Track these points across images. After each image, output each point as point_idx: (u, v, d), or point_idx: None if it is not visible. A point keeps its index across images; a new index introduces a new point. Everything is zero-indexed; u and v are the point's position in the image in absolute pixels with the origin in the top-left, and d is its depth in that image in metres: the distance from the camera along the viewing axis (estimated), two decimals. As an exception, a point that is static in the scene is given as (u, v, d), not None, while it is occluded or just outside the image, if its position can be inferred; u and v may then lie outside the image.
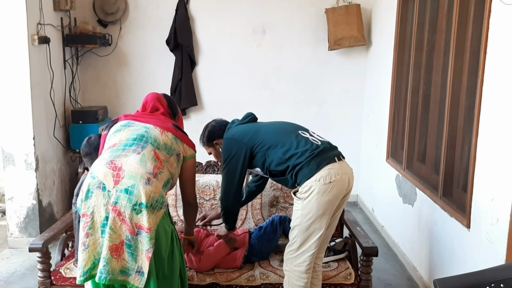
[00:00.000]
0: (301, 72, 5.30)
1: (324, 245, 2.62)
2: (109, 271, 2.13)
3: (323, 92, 5.35)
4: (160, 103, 2.49)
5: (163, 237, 2.19)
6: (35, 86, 3.95)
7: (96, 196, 2.14)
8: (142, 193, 2.11)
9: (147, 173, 2.16)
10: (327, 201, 2.38)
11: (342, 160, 2.52)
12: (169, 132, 2.34)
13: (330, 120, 5.39)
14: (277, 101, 5.36)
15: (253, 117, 2.73)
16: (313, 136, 2.58)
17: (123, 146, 2.25)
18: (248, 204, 3.14)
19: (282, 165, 2.46)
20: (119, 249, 2.14)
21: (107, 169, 2.16)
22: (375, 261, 3.81)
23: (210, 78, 5.33)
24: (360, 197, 5.45)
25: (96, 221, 2.16)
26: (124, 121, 2.40)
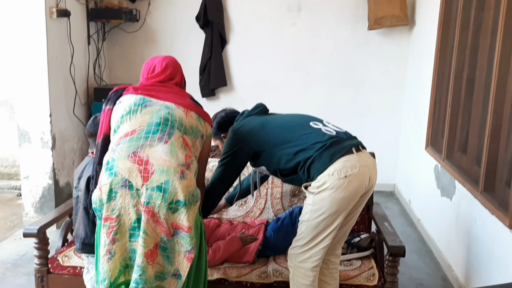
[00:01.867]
0: (337, 53, 4.97)
1: (340, 241, 2.36)
2: (146, 280, 1.87)
3: (361, 75, 5.01)
4: (178, 71, 2.18)
5: (196, 233, 1.95)
6: (53, 61, 3.82)
7: (123, 197, 1.85)
8: (178, 189, 1.84)
9: (180, 165, 1.88)
10: (342, 198, 2.11)
11: (362, 150, 2.23)
12: (192, 111, 2.04)
13: (368, 105, 5.05)
14: (312, 84, 5.07)
15: (263, 108, 2.47)
16: (327, 126, 2.30)
17: (145, 133, 1.92)
18: (268, 193, 2.91)
19: (291, 162, 2.20)
20: (153, 254, 1.89)
21: (131, 163, 1.85)
22: (408, 257, 3.55)
23: (241, 57, 5.08)
24: (397, 187, 5.11)
25: (124, 224, 1.89)
26: (136, 96, 2.03)
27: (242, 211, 2.92)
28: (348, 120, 5.00)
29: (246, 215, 2.92)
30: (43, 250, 2.51)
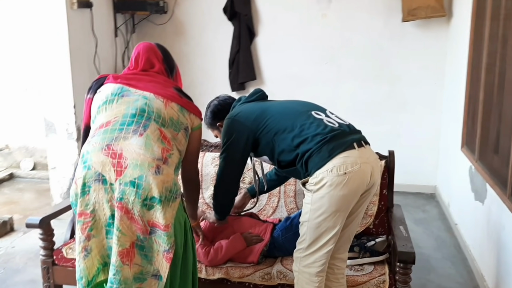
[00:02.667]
0: (371, 46, 4.73)
1: (345, 244, 2.20)
2: (122, 281, 1.79)
3: (397, 69, 4.74)
4: (155, 57, 2.03)
5: (178, 231, 1.85)
6: (76, 52, 3.82)
7: (96, 191, 1.78)
8: (153, 185, 1.75)
9: (156, 159, 1.78)
10: (342, 196, 1.95)
11: (364, 146, 2.07)
12: (173, 102, 1.92)
13: (405, 100, 4.78)
14: (344, 78, 4.85)
15: (261, 94, 2.33)
16: (329, 117, 2.13)
17: (120, 125, 1.83)
18: (281, 191, 2.77)
19: (291, 154, 2.06)
20: (129, 253, 1.80)
21: (105, 156, 1.78)
22: (440, 264, 3.34)
23: (271, 50, 4.94)
24: (438, 189, 4.80)
25: (100, 220, 1.82)
26: (115, 85, 1.94)
27: (254, 209, 2.79)
28: (383, 117, 4.80)
29: (258, 213, 2.78)
30: (47, 241, 2.50)
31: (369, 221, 2.66)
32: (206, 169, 2.85)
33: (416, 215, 4.33)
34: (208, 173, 2.84)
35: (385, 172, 2.71)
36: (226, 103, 2.35)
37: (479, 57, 3.41)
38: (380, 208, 2.68)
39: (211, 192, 2.83)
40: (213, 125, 2.39)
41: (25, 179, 5.14)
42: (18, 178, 5.17)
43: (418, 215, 4.33)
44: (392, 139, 4.76)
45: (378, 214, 2.67)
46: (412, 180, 4.83)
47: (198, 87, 5.13)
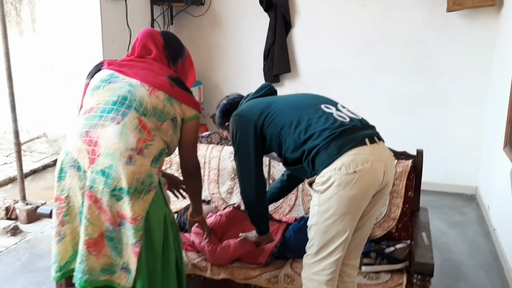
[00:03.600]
0: (413, 37, 4.48)
1: (356, 250, 2.05)
2: (86, 271, 1.78)
3: (440, 62, 4.47)
4: (154, 43, 1.96)
5: (155, 225, 1.80)
6: (109, 43, 3.85)
7: (71, 178, 1.78)
8: (122, 175, 1.71)
9: (129, 149, 1.74)
10: (352, 196, 1.80)
11: (377, 142, 1.90)
12: (160, 90, 1.84)
13: (447, 95, 4.52)
14: (383, 71, 4.64)
15: (269, 88, 2.21)
16: (340, 111, 1.98)
17: (100, 112, 1.80)
18: (299, 188, 2.65)
19: (297, 151, 1.92)
20: (98, 243, 1.78)
21: (82, 143, 1.76)
22: (472, 273, 3.12)
23: (307, 42, 4.80)
24: (479, 190, 4.52)
25: (74, 206, 1.81)
26: (107, 72, 1.91)
27: (270, 207, 2.68)
28: (422, 113, 4.57)
29: (275, 211, 2.69)
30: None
31: (391, 224, 2.49)
32: (223, 164, 2.78)
33: (452, 217, 4.08)
34: (225, 168, 2.77)
35: (412, 173, 2.52)
36: (235, 101, 2.26)
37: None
38: (404, 212, 2.51)
39: (228, 187, 2.77)
40: (222, 125, 2.30)
41: (68, 166, 5.28)
42: (61, 165, 5.32)
43: (454, 217, 4.08)
44: (431, 136, 4.54)
45: (402, 218, 2.50)
46: (452, 180, 4.58)
47: (233, 80, 5.08)
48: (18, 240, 3.53)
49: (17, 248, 3.41)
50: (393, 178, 1.96)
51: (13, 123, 3.68)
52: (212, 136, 2.91)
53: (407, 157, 2.59)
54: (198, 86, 4.95)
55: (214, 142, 2.90)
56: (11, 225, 3.65)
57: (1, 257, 3.27)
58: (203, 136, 2.93)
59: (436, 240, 3.56)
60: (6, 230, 3.61)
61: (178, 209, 2.79)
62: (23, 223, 3.77)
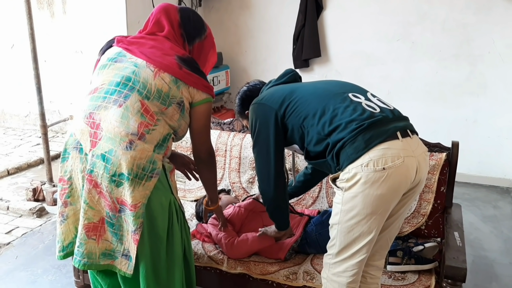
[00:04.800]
0: (452, 21, 4.23)
1: (381, 250, 1.91)
2: (85, 254, 1.74)
3: (480, 48, 4.21)
4: (168, 20, 1.82)
5: (159, 212, 1.73)
6: (134, 25, 3.78)
7: (73, 159, 1.74)
8: (122, 160, 1.64)
9: (129, 134, 1.66)
10: (379, 195, 1.65)
11: (411, 136, 1.73)
12: (166, 72, 1.72)
13: (486, 83, 4.26)
14: (418, 56, 4.41)
15: (293, 74, 2.04)
16: (370, 100, 1.81)
17: (104, 93, 1.72)
18: (323, 181, 2.53)
19: (321, 144, 1.77)
20: (98, 228, 1.74)
21: (85, 125, 1.71)
22: (506, 272, 2.98)
23: (338, 25, 4.60)
24: (517, 183, 4.31)
25: (76, 188, 1.77)
26: (115, 50, 1.81)
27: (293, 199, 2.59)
28: (459, 101, 4.35)
29: (297, 203, 2.59)
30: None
31: (421, 220, 2.36)
32: (245, 152, 2.68)
33: (486, 211, 3.86)
34: (246, 156, 2.67)
35: (446, 167, 2.36)
36: (256, 88, 2.12)
37: None
38: (436, 208, 2.36)
39: (249, 176, 2.67)
40: (242, 114, 2.17)
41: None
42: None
43: (488, 211, 3.87)
44: (467, 126, 4.32)
45: (433, 214, 2.36)
46: (487, 172, 4.35)
47: (262, 63, 4.95)
48: (43, 221, 3.55)
49: (42, 230, 3.42)
50: (426, 175, 1.81)
51: (39, 105, 3.67)
52: (234, 123, 2.81)
53: (441, 149, 2.43)
54: (225, 70, 4.85)
55: (236, 130, 2.80)
56: (37, 207, 3.67)
57: (26, 238, 3.29)
58: (225, 123, 2.83)
59: (468, 235, 3.38)
60: (32, 211, 3.64)
61: (198, 197, 2.73)
62: (49, 205, 3.79)
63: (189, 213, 2.61)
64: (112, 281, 1.92)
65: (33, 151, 5.04)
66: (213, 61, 1.99)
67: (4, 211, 3.71)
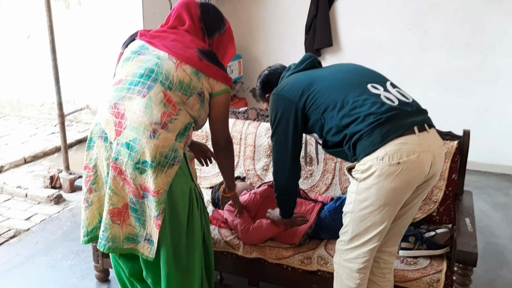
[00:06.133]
0: (464, 9, 4.23)
1: (394, 237, 1.96)
2: (109, 238, 1.83)
3: (491, 37, 4.22)
4: (189, 14, 1.89)
5: (180, 198, 1.81)
6: (149, 17, 3.84)
7: (98, 148, 1.82)
8: (146, 149, 1.72)
9: (153, 123, 1.74)
10: (393, 188, 1.70)
11: (428, 130, 1.76)
12: (187, 64, 1.80)
13: (497, 72, 4.27)
14: (430, 46, 4.43)
15: (311, 60, 2.06)
16: (389, 92, 1.82)
17: (128, 84, 1.80)
18: (336, 168, 2.59)
19: (338, 135, 1.82)
20: (122, 213, 1.82)
21: (110, 115, 1.79)
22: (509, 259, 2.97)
23: (350, 15, 4.62)
24: (528, 171, 4.33)
25: (101, 175, 1.86)
26: (138, 43, 1.89)
27: (306, 185, 2.65)
28: (470, 90, 4.36)
29: (310, 189, 2.64)
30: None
31: (432, 207, 2.40)
32: (260, 140, 2.74)
33: (497, 199, 3.89)
34: (261, 144, 2.73)
35: (457, 155, 2.40)
36: (277, 72, 2.17)
37: None
38: (447, 195, 2.40)
39: (263, 164, 2.73)
40: (263, 97, 2.22)
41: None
42: (103, 136, 5.46)
43: (499, 199, 3.90)
44: (478, 114, 4.34)
45: (444, 201, 2.40)
46: (498, 160, 4.37)
47: (273, 53, 4.99)
48: (61, 208, 3.64)
49: (60, 216, 3.51)
50: (441, 168, 1.85)
51: (57, 95, 3.75)
52: (249, 112, 2.86)
53: (452, 137, 2.47)
54: (238, 59, 4.89)
55: (251, 118, 2.86)
56: (55, 194, 3.76)
57: (44, 225, 3.39)
58: (240, 111, 2.89)
59: (479, 222, 3.41)
60: (50, 198, 3.73)
61: (213, 184, 2.79)
62: (66, 192, 3.89)
63: (205, 199, 2.67)
64: (133, 265, 2.01)
65: (48, 139, 5.13)
66: (232, 53, 2.05)
67: (23, 198, 3.81)
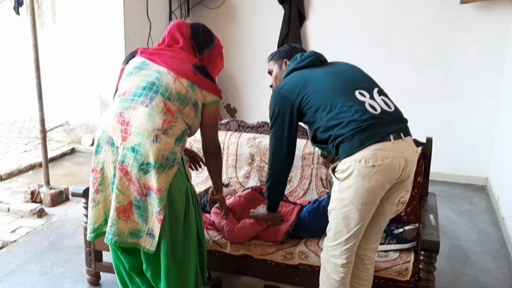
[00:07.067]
0: (426, 29, 4.58)
1: (376, 235, 2.18)
2: (116, 233, 2.03)
3: (452, 54, 4.57)
4: (181, 34, 2.15)
5: (177, 196, 2.02)
6: (130, 35, 4.02)
7: (105, 152, 2.02)
8: (149, 152, 1.93)
9: (155, 129, 1.96)
10: (369, 188, 1.92)
11: (403, 138, 1.98)
12: (184, 78, 2.04)
13: (459, 87, 4.61)
14: (395, 62, 4.74)
15: (313, 59, 2.22)
16: (374, 99, 2.02)
17: (132, 96, 2.03)
18: (313, 173, 2.80)
19: (325, 133, 2.04)
20: (127, 211, 2.02)
21: (116, 123, 2.00)
22: (479, 259, 3.23)
23: (320, 34, 4.91)
24: (490, 181, 4.61)
25: (107, 177, 2.05)
26: (139, 59, 2.13)
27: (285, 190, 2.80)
28: (435, 103, 4.66)
29: (289, 194, 2.83)
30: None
31: (401, 208, 2.62)
32: (241, 149, 2.92)
33: (462, 206, 4.18)
34: (242, 153, 2.92)
35: (421, 159, 2.64)
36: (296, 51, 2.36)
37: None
38: (413, 196, 2.64)
39: (245, 172, 2.91)
40: (280, 59, 2.36)
41: (85, 153, 5.46)
42: (78, 153, 5.51)
43: (464, 206, 4.18)
44: (443, 127, 4.63)
45: (411, 202, 2.63)
46: (463, 171, 4.67)
47: (247, 69, 5.22)
48: (44, 221, 3.71)
49: (44, 228, 3.59)
50: (414, 170, 2.06)
51: (40, 111, 3.85)
52: (230, 123, 3.06)
53: (417, 144, 2.69)
54: (213, 76, 5.09)
55: (232, 129, 3.05)
56: (37, 208, 3.83)
57: (30, 236, 3.46)
58: (222, 123, 3.07)
59: (445, 227, 3.66)
60: (33, 212, 3.80)
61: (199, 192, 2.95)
62: (48, 206, 3.96)
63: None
64: (134, 259, 2.19)
65: (22, 157, 5.17)
66: (221, 66, 2.32)
67: (5, 213, 3.86)
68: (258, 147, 2.90)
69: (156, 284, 2.17)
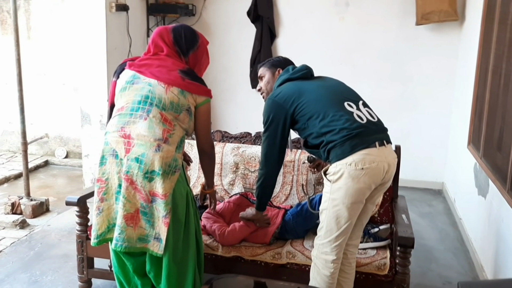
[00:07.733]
0: (385, 47, 4.97)
1: (358, 232, 2.43)
2: (125, 239, 2.15)
3: (410, 70, 4.98)
4: (163, 42, 2.22)
5: (179, 201, 2.18)
6: (112, 51, 4.17)
7: (110, 163, 2.15)
8: (154, 160, 2.08)
9: (156, 139, 2.10)
10: (358, 188, 2.17)
11: (385, 145, 2.26)
12: (174, 86, 2.15)
13: (416, 100, 5.02)
14: (359, 78, 5.06)
15: (306, 72, 2.47)
16: (360, 110, 2.30)
17: (130, 110, 2.16)
18: (294, 180, 3.04)
19: (317, 139, 2.28)
20: (134, 218, 2.15)
21: (119, 137, 2.13)
22: (442, 256, 3.57)
23: (290, 51, 5.18)
24: (445, 185, 5.03)
25: (112, 187, 2.18)
26: (129, 73, 2.21)
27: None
28: (395, 115, 5.02)
29: (272, 199, 3.04)
30: (83, 218, 2.80)
31: (374, 210, 2.88)
32: (226, 158, 3.13)
33: (422, 209, 4.55)
34: (227, 162, 3.13)
35: (391, 166, 2.94)
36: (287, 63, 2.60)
37: (487, 60, 3.60)
38: (385, 199, 2.92)
39: (229, 179, 3.12)
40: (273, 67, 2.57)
41: (59, 166, 5.53)
42: (52, 165, 5.57)
43: (424, 209, 4.56)
44: (403, 137, 4.96)
45: (383, 204, 2.91)
46: (421, 177, 5.06)
47: (221, 83, 5.43)
48: (27, 232, 3.78)
49: (28, 239, 3.66)
50: (393, 174, 2.33)
51: (21, 124, 3.94)
52: (215, 134, 3.27)
53: (387, 152, 3.00)
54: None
55: (216, 140, 3.26)
56: (19, 219, 3.89)
57: (15, 247, 3.52)
58: (208, 134, 3.27)
59: (409, 228, 4.00)
60: (15, 223, 3.85)
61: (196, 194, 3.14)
62: (29, 218, 4.02)
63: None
64: (136, 260, 2.33)
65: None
66: (206, 64, 2.41)
67: (-14, 225, 3.90)
68: (242, 156, 3.12)
69: (157, 283, 2.32)
